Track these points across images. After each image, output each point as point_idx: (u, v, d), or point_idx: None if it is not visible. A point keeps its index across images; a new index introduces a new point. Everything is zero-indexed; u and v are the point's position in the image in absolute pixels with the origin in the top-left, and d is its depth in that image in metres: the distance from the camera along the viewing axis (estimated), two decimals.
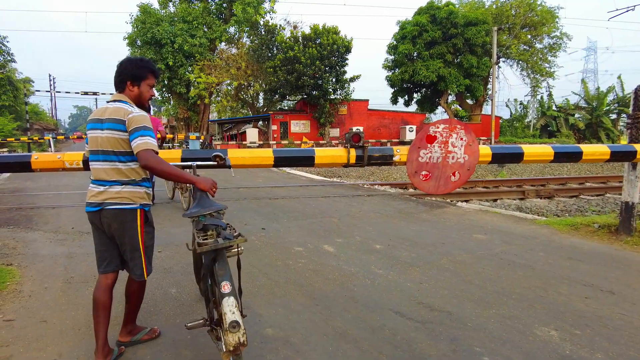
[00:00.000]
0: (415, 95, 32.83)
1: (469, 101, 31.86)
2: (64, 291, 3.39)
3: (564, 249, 4.51)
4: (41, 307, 3.09)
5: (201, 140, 20.89)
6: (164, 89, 28.14)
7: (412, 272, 3.81)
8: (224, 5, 27.60)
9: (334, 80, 25.40)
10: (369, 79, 33.56)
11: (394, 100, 32.79)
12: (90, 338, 2.62)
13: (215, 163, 2.53)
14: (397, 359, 2.39)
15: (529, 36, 30.13)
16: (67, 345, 2.53)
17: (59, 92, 50.59)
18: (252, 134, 25.17)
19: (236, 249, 1.99)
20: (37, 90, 43.56)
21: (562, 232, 5.15)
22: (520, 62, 31.08)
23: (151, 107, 2.55)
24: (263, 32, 26.81)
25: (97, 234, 2.35)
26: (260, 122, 28.88)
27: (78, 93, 39.21)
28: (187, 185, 4.13)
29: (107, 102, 2.33)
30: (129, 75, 2.30)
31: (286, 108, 30.98)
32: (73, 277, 3.73)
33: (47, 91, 46.28)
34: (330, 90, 25.66)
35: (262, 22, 26.99)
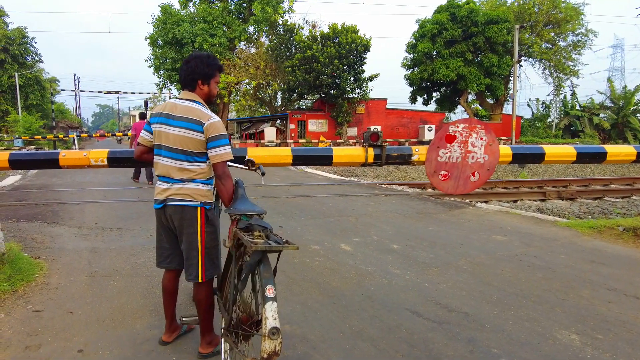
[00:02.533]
0: (434, 94, 32.48)
1: (490, 100, 31.34)
2: (88, 284, 3.50)
3: (586, 251, 4.42)
4: (67, 299, 3.19)
5: None
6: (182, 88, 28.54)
7: (429, 272, 3.79)
8: (244, 5, 27.84)
9: (352, 79, 25.33)
10: (387, 77, 33.35)
11: (413, 99, 32.52)
12: (114, 330, 2.71)
13: (247, 168, 2.52)
14: (413, 358, 2.39)
15: (552, 34, 29.41)
16: (92, 336, 2.62)
17: (83, 91, 51.89)
18: (270, 132, 25.32)
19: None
20: (62, 90, 44.76)
21: (585, 235, 5.04)
22: (543, 60, 30.38)
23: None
24: (282, 32, 26.91)
25: (161, 230, 2.36)
26: (278, 121, 29.02)
27: (101, 92, 40.12)
28: None
29: (178, 98, 2.30)
30: (200, 74, 2.26)
31: (304, 107, 31.05)
32: (97, 271, 3.84)
33: (72, 90, 47.54)
34: (348, 89, 25.61)
35: (280, 22, 27.09)
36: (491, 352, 2.46)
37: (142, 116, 10.41)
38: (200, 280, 2.25)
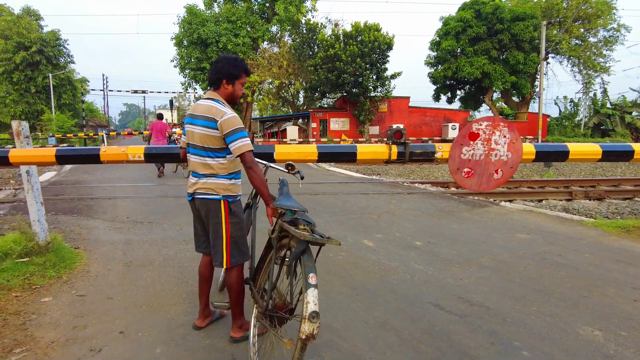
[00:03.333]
0: (458, 92, 32.06)
1: (515, 99, 30.69)
2: (124, 273, 3.71)
3: (612, 251, 4.37)
4: (106, 286, 3.41)
5: None
6: (209, 88, 29.06)
7: (451, 268, 3.85)
8: (267, 4, 28.13)
9: (374, 77, 25.27)
10: (410, 75, 33.06)
11: (437, 98, 32.18)
12: (151, 315, 2.89)
13: (287, 171, 2.63)
14: (436, 348, 2.47)
15: (582, 30, 28.54)
16: (132, 320, 2.81)
17: (112, 90, 53.46)
18: (292, 131, 25.56)
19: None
20: (92, 90, 46.27)
21: (612, 234, 4.97)
22: (572, 57, 29.51)
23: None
24: (304, 31, 27.09)
25: (195, 219, 2.60)
26: (300, 120, 29.23)
27: (128, 91, 41.30)
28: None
29: (201, 98, 2.47)
30: (225, 74, 2.41)
31: (325, 106, 31.17)
32: (132, 261, 4.06)
33: (100, 90, 49.01)
34: (371, 87, 25.56)
35: (303, 21, 27.28)
36: (512, 344, 2.51)
37: (160, 117, 11.60)
38: (225, 266, 2.44)
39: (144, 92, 44.39)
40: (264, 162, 2.86)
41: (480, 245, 4.58)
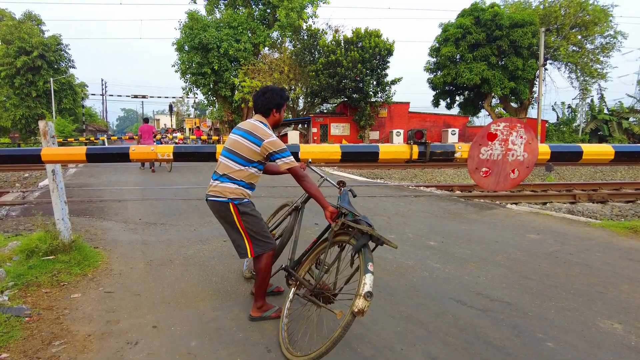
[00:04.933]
0: (457, 98, 32.29)
1: (514, 104, 30.94)
2: (147, 271, 3.77)
3: (622, 250, 4.46)
4: (132, 283, 3.46)
5: None
6: (210, 93, 29.20)
7: (468, 266, 3.93)
8: (268, 10, 28.33)
9: (375, 83, 25.47)
10: (410, 81, 33.38)
11: (436, 103, 32.40)
12: (180, 310, 2.95)
13: (338, 187, 2.85)
14: (463, 340, 2.54)
15: (580, 37, 28.88)
16: (162, 315, 2.87)
17: (112, 95, 53.58)
18: (293, 136, 25.66)
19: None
20: (92, 94, 46.36)
21: (620, 235, 5.07)
22: (569, 64, 29.82)
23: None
24: (305, 37, 27.29)
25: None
26: (300, 126, 29.34)
27: (128, 96, 41.44)
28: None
29: (252, 119, 2.75)
30: (275, 104, 2.72)
31: (325, 111, 31.32)
32: (152, 260, 4.11)
33: (101, 94, 49.09)
34: (371, 93, 25.75)
35: (304, 27, 27.48)
36: (536, 336, 2.59)
37: (146, 120, 13.17)
38: (250, 256, 2.67)
39: (143, 97, 44.59)
40: (322, 174, 3.12)
41: (493, 245, 4.67)
